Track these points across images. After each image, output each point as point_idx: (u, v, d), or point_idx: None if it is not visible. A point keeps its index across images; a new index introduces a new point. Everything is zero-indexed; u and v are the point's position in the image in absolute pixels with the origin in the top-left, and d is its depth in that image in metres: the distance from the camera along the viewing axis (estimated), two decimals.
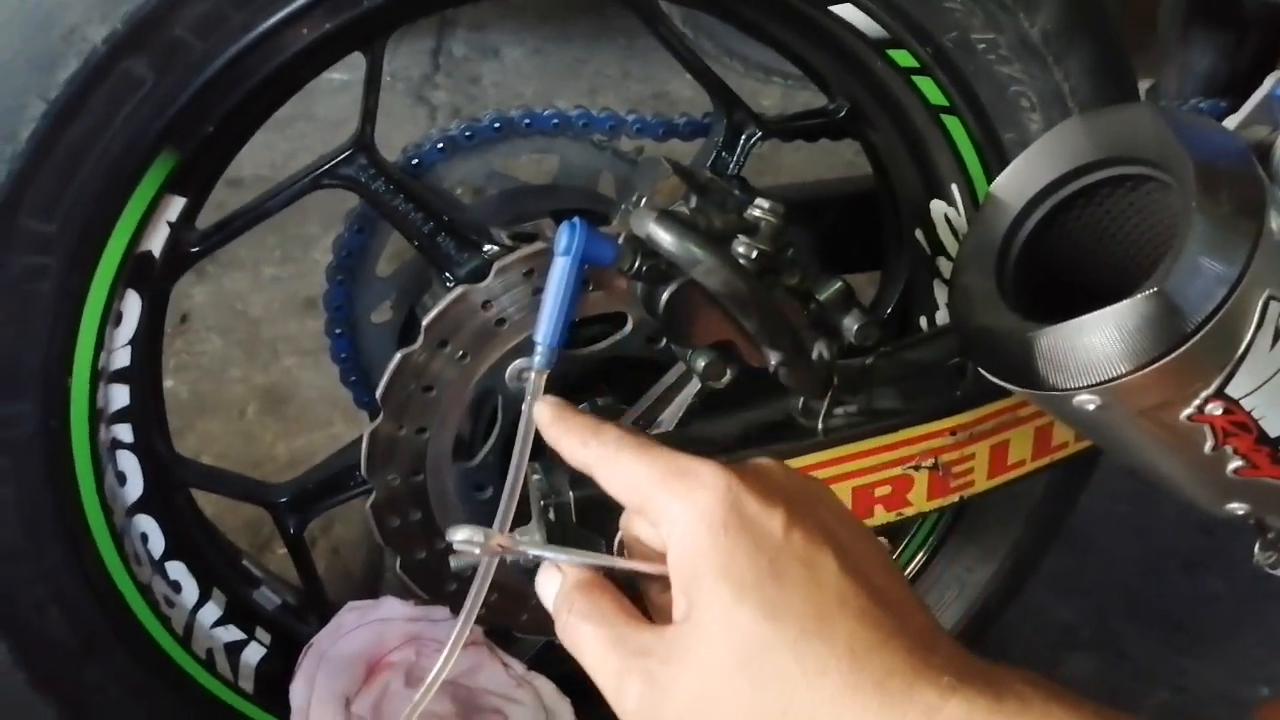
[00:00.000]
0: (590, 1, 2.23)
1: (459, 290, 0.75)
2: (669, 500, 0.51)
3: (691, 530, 0.49)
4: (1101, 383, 0.56)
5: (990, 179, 0.82)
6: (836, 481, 0.74)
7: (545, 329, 0.64)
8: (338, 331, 0.93)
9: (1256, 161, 0.58)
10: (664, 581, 0.51)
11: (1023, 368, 0.59)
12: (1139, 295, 0.55)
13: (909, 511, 0.77)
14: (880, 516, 0.77)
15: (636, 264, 0.67)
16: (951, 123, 0.82)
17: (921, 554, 0.97)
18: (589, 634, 0.51)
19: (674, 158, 0.76)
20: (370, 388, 0.95)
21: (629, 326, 0.80)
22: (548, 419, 0.58)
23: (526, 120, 0.89)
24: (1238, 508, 0.66)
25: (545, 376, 0.64)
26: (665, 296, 0.68)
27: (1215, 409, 0.58)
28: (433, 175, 0.88)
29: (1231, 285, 0.54)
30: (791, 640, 0.47)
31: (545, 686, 0.86)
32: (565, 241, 0.64)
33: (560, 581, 0.53)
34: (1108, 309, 0.55)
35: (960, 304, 0.66)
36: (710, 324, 0.69)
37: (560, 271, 0.64)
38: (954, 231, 0.86)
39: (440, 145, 0.87)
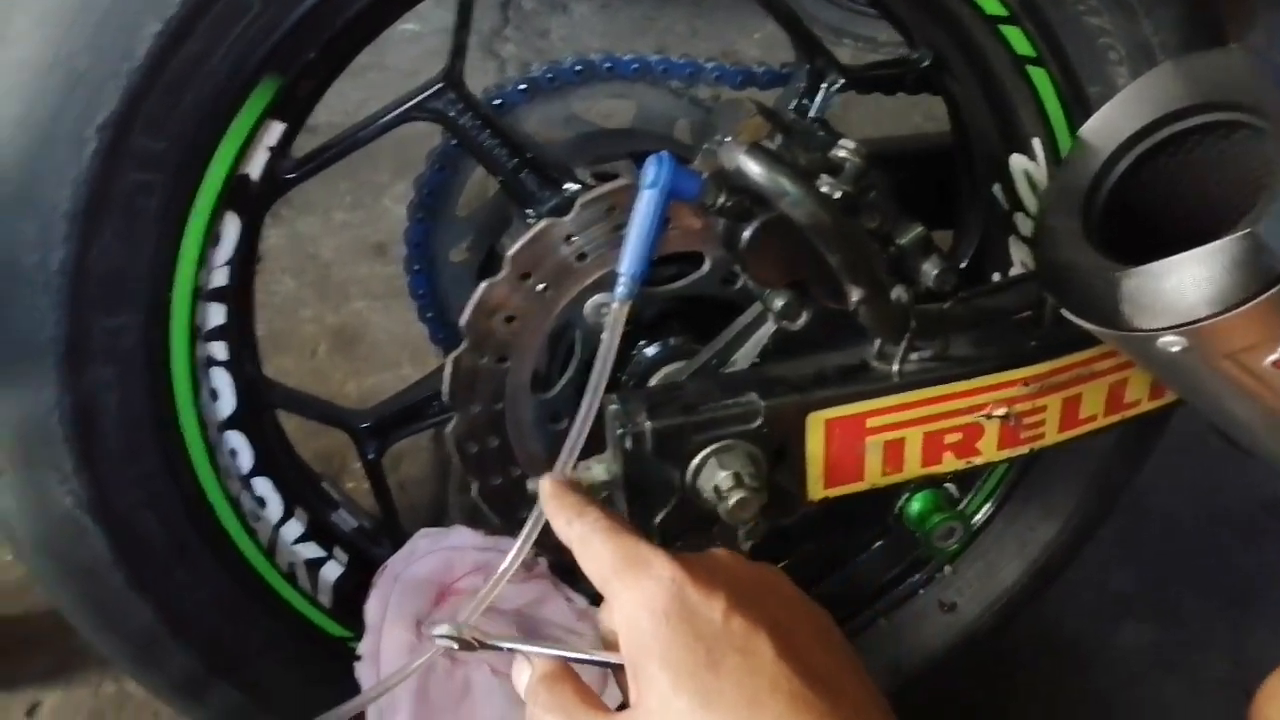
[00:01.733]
0: None
1: (543, 223, 0.76)
2: (621, 589, 0.54)
3: (637, 618, 0.53)
4: (1187, 324, 0.56)
5: (1074, 133, 0.81)
6: (907, 426, 0.74)
7: (629, 260, 0.65)
8: (416, 268, 0.96)
9: None
10: None
11: (1107, 308, 0.59)
12: (1230, 237, 0.55)
13: (978, 460, 0.77)
14: (949, 463, 0.77)
15: (720, 200, 0.67)
16: (1037, 74, 0.81)
17: (989, 506, 0.97)
18: None
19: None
20: (446, 324, 0.98)
21: (706, 266, 0.81)
22: (548, 493, 0.61)
23: (607, 64, 0.90)
24: None
25: (628, 307, 0.65)
26: (747, 233, 0.68)
27: None
28: (513, 116, 0.90)
29: None
30: None
31: None
32: (652, 174, 0.65)
33: (530, 672, 0.56)
34: (1197, 250, 0.55)
35: (1046, 244, 0.66)
36: (790, 263, 0.69)
37: (646, 204, 0.65)
38: (1033, 187, 0.86)
39: (523, 86, 0.89)
